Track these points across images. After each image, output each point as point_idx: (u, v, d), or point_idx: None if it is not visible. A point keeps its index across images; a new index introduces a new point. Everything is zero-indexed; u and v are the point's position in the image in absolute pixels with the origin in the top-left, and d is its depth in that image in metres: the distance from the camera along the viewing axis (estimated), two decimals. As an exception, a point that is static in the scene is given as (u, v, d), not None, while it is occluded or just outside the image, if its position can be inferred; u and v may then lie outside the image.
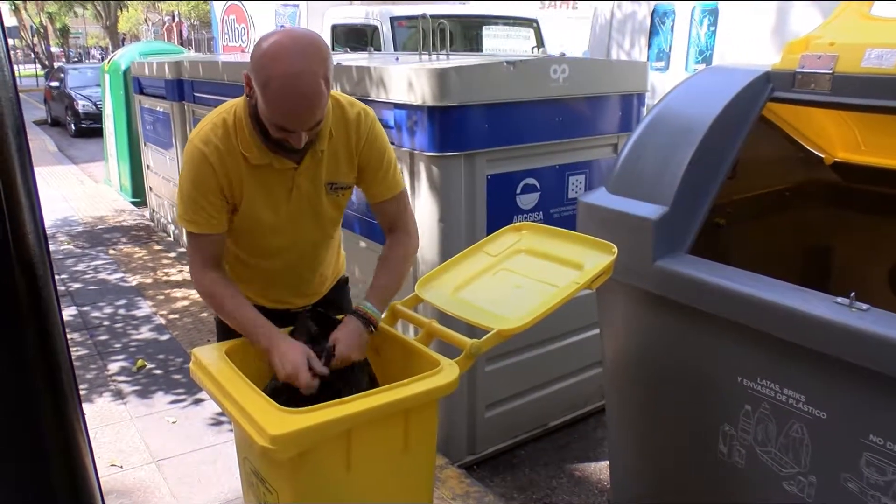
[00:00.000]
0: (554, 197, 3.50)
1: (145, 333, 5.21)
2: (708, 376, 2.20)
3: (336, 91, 2.15)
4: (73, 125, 17.68)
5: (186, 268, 6.70)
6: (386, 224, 2.33)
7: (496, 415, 3.58)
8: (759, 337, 1.97)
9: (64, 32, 42.54)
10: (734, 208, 2.90)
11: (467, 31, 8.26)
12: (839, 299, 1.83)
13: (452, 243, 3.19)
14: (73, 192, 10.28)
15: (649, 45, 5.62)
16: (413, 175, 3.31)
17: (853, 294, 1.81)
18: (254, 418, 1.65)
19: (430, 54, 3.80)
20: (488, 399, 3.55)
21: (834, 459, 1.91)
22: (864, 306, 1.79)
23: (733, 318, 2.02)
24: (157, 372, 4.58)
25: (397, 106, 3.35)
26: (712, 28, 5.09)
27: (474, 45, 7.94)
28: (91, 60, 39.73)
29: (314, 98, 1.88)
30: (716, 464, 2.25)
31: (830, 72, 2.17)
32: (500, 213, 3.31)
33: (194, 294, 6.00)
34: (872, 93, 2.09)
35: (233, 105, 2.10)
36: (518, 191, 3.35)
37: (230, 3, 12.92)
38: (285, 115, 1.89)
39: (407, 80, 3.23)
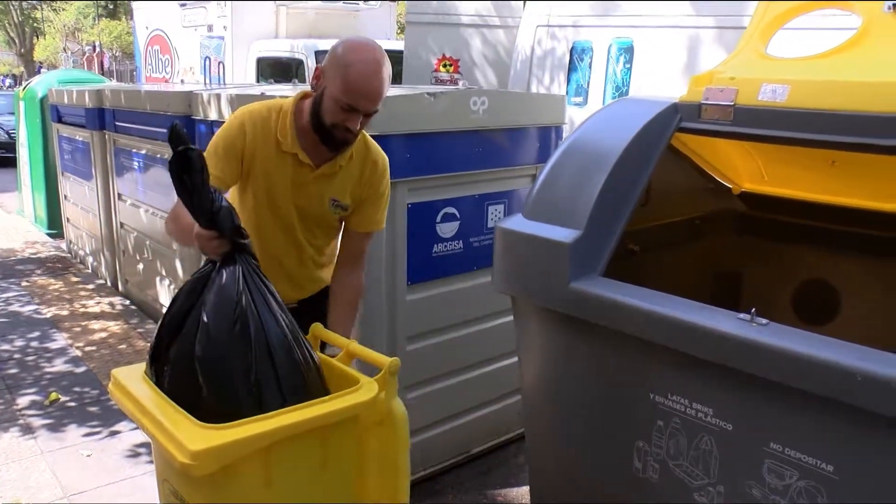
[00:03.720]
0: (474, 226, 3.57)
1: (59, 366, 5.05)
2: (622, 394, 2.28)
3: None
4: (-18, 154, 17.07)
5: (105, 299, 6.55)
6: (349, 253, 2.63)
7: (419, 442, 3.59)
8: (668, 354, 2.06)
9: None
10: (648, 235, 3.02)
11: (393, 67, 8.37)
12: (741, 315, 1.93)
13: (374, 270, 3.22)
14: (-18, 223, 9.95)
15: (568, 81, 5.82)
16: (337, 205, 3.35)
17: (754, 310, 1.92)
18: (174, 435, 1.65)
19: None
20: (410, 426, 3.54)
21: (739, 468, 2.01)
22: (764, 321, 1.90)
23: (644, 337, 2.10)
24: (72, 404, 4.44)
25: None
26: (628, 65, 5.31)
27: (398, 79, 8.05)
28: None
29: (384, 83, 2.31)
30: (632, 480, 2.31)
31: (732, 104, 2.31)
32: (421, 241, 3.36)
33: (113, 325, 5.87)
34: (768, 124, 2.23)
35: (281, 100, 2.47)
36: (438, 220, 3.41)
37: (154, 33, 12.79)
38: (359, 91, 2.25)
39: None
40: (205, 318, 1.86)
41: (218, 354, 1.82)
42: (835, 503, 1.84)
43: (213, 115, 4.47)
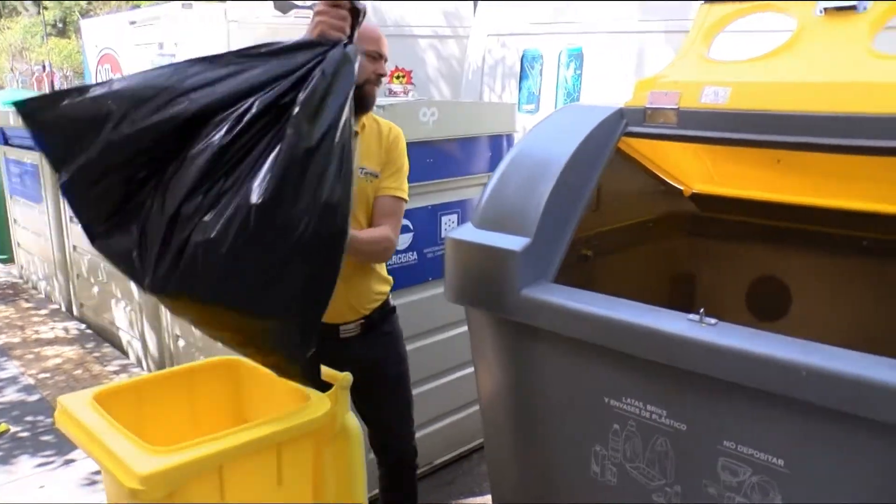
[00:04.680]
0: (427, 237, 3.58)
1: (10, 395, 4.93)
2: (577, 400, 2.29)
3: None
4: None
5: (59, 324, 6.42)
6: (376, 219, 2.67)
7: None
8: (621, 357, 2.07)
9: None
10: (600, 240, 3.04)
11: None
12: (690, 316, 1.95)
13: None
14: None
15: (520, 89, 5.86)
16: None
17: (703, 310, 1.94)
18: (121, 460, 1.62)
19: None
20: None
21: (695, 468, 2.02)
22: (713, 321, 1.92)
23: (595, 341, 2.12)
24: (24, 435, 4.34)
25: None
26: (578, 71, 5.36)
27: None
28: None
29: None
30: (590, 484, 2.32)
31: (675, 107, 2.34)
32: (374, 254, 3.35)
33: (68, 350, 5.76)
34: (711, 126, 2.27)
35: None
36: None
37: (104, 52, 12.62)
38: (374, 35, 2.51)
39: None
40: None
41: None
42: (786, 497, 1.86)
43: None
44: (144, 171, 1.80)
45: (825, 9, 2.41)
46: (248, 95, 1.79)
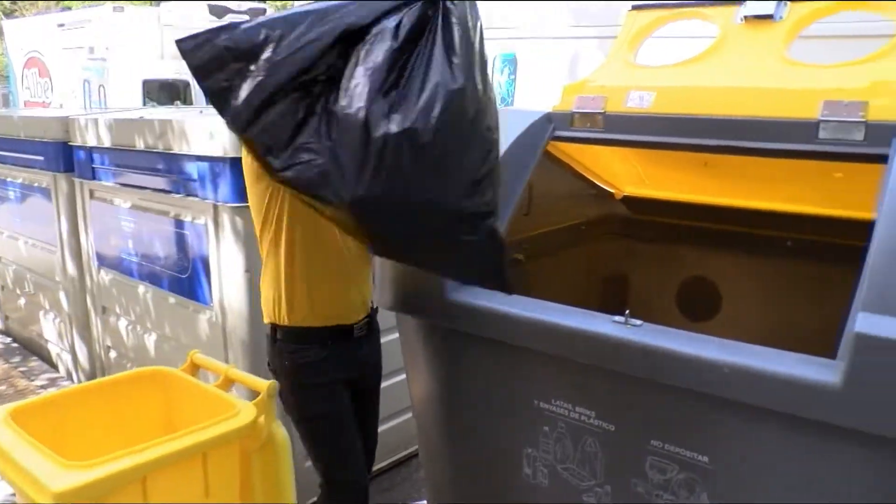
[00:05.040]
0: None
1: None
2: (507, 403, 2.30)
3: None
4: None
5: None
6: None
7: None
8: (548, 360, 2.09)
9: None
10: (532, 244, 3.06)
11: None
12: (616, 317, 1.98)
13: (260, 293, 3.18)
14: None
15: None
16: (218, 227, 3.28)
17: (628, 312, 1.97)
18: (36, 478, 1.57)
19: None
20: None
21: (624, 467, 2.05)
22: (638, 322, 1.95)
23: (523, 344, 2.13)
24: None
25: (200, 158, 3.32)
26: (512, 76, 5.41)
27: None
28: None
29: None
30: (523, 486, 2.34)
31: (602, 111, 2.38)
32: (310, 258, 3.32)
33: (-7, 365, 5.56)
34: (636, 129, 2.31)
35: None
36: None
37: (30, 55, 12.28)
38: None
39: (208, 132, 3.21)
40: None
41: None
42: (712, 493, 1.90)
43: (91, 141, 4.32)
44: (315, 87, 1.81)
45: (745, 17, 2.48)
46: (391, 13, 1.83)
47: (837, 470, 1.73)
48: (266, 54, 1.78)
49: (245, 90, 1.78)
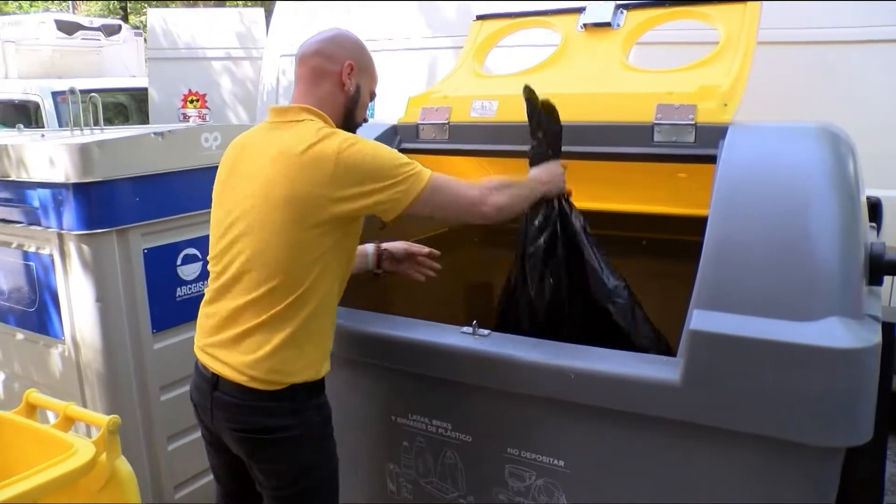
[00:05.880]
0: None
1: None
2: (367, 420, 2.26)
3: None
4: None
5: None
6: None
7: (186, 495, 3.39)
8: (401, 374, 2.07)
9: None
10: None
11: (142, 105, 7.96)
12: (464, 328, 1.98)
13: (113, 322, 3.02)
14: None
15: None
16: (64, 256, 3.10)
17: (475, 322, 1.96)
18: None
19: (81, 129, 3.61)
20: (176, 479, 3.36)
21: (485, 477, 2.05)
22: (486, 332, 1.95)
23: (374, 361, 2.11)
24: None
25: (41, 185, 3.13)
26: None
27: (146, 118, 7.66)
28: None
29: None
30: (388, 503, 2.30)
31: (446, 122, 2.38)
32: (162, 286, 3.18)
33: None
34: (480, 139, 2.32)
35: (317, 120, 1.95)
36: (179, 262, 3.25)
37: None
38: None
39: (48, 157, 3.03)
40: None
41: None
42: (570, 496, 1.92)
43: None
44: None
45: (585, 24, 2.54)
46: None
47: (687, 466, 1.77)
48: None
49: None
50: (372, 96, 2.15)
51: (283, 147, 1.87)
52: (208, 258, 2.08)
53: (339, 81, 2.00)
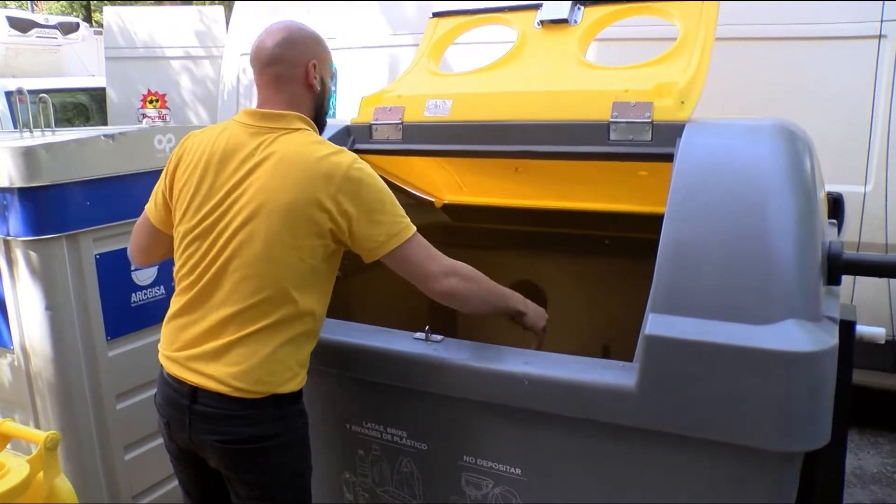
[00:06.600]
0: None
1: None
2: (322, 429, 2.20)
3: None
4: None
5: None
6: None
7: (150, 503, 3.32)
8: (355, 382, 2.02)
9: None
10: (353, 258, 2.97)
11: (103, 105, 7.79)
12: (416, 334, 1.93)
13: (65, 330, 2.93)
14: None
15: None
16: (11, 263, 3.00)
17: (428, 328, 1.91)
18: None
19: (31, 132, 3.51)
20: (135, 489, 3.28)
21: (441, 485, 2.00)
22: (439, 338, 1.90)
23: (327, 368, 2.04)
24: None
25: (-17, 191, 3.03)
26: (334, 88, 5.30)
27: (105, 119, 7.48)
28: None
29: None
30: (346, 513, 2.25)
31: (400, 122, 2.32)
32: (116, 292, 3.09)
33: None
34: (434, 139, 2.27)
35: (312, 131, 1.96)
36: (133, 267, 3.17)
37: None
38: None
39: (-10, 161, 2.93)
40: None
41: None
42: (527, 502, 1.88)
43: None
44: None
45: (541, 21, 2.49)
46: None
47: (646, 472, 1.74)
48: None
49: None
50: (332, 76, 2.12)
51: (288, 155, 1.83)
52: (176, 267, 1.99)
53: (305, 83, 1.96)
